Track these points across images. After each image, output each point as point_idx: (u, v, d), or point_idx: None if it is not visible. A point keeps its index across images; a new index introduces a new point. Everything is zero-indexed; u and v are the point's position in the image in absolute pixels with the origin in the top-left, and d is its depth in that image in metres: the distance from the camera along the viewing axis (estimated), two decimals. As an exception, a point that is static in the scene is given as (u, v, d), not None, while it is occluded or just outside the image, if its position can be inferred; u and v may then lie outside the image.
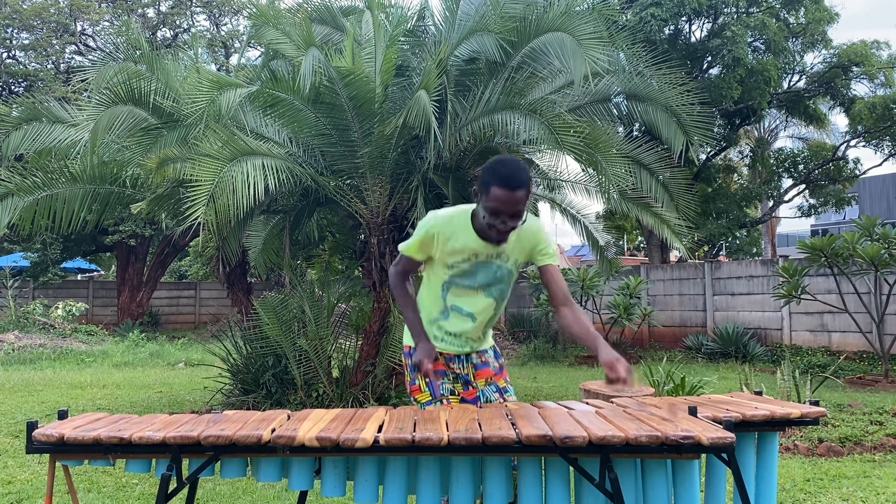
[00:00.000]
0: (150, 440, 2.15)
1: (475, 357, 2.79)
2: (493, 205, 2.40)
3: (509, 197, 2.38)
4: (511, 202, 2.39)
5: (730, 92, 13.42)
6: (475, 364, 2.78)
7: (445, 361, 2.75)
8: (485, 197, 2.43)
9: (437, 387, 2.71)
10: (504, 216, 2.42)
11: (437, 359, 2.72)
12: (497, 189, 2.38)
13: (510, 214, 2.42)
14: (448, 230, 2.58)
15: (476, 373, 2.77)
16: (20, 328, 14.31)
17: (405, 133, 6.02)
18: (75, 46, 19.26)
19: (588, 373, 10.52)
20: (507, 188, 2.37)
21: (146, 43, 7.45)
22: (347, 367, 6.88)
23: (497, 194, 2.38)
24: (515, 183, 2.38)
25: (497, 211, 2.41)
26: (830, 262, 8.93)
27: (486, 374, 2.77)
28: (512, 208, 2.40)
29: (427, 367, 2.54)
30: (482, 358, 2.79)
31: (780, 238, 32.83)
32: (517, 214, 2.43)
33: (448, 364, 2.75)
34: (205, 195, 5.15)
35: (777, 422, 2.59)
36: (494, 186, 2.39)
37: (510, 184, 2.38)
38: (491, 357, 2.82)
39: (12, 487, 4.31)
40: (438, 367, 2.72)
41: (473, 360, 2.79)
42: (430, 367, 2.56)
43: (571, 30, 5.66)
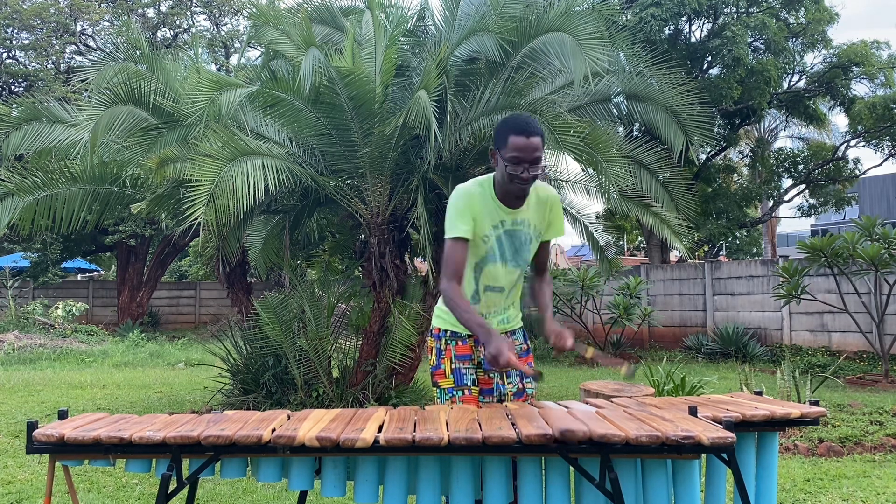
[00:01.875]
0: (150, 440, 2.15)
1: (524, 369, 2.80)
2: (512, 154, 2.47)
3: (527, 143, 2.46)
4: (529, 148, 2.46)
5: (730, 92, 13.42)
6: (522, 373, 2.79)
7: (474, 343, 2.76)
8: (503, 150, 2.50)
9: (462, 374, 2.72)
10: (525, 164, 2.47)
11: (466, 340, 2.75)
12: (514, 137, 2.47)
13: (530, 161, 2.47)
14: (479, 201, 2.62)
15: None
16: (20, 328, 14.31)
17: (405, 133, 6.02)
18: (75, 46, 19.26)
19: (588, 373, 10.52)
20: (523, 135, 2.46)
21: (146, 43, 7.45)
22: (347, 367, 6.88)
23: (515, 142, 2.46)
24: (531, 129, 2.48)
25: (518, 159, 2.47)
26: (830, 262, 8.93)
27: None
28: (531, 154, 2.47)
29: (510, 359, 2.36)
30: (510, 339, 2.80)
31: (780, 238, 32.84)
32: (537, 161, 2.49)
33: (476, 346, 2.76)
34: (205, 195, 5.15)
35: (777, 422, 2.59)
36: (512, 136, 2.47)
37: (527, 130, 2.47)
38: (519, 339, 2.85)
39: (12, 487, 4.31)
40: (465, 351, 2.74)
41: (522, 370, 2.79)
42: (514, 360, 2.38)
43: (571, 30, 5.66)
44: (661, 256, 15.94)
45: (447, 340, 2.76)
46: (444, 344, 2.76)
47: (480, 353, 2.75)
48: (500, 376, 2.77)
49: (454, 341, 2.75)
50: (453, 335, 2.75)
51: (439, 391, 2.75)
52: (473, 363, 2.75)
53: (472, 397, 2.72)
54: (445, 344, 2.76)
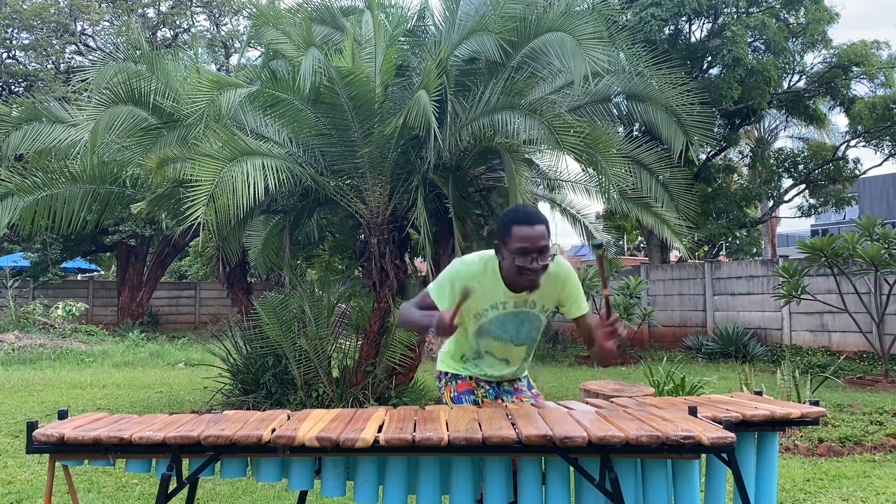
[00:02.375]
0: (150, 440, 2.15)
1: (507, 385, 2.81)
2: (517, 245, 2.39)
3: (532, 233, 2.39)
4: (535, 237, 2.39)
5: (730, 92, 13.41)
6: (507, 391, 2.80)
7: (475, 384, 2.77)
8: (508, 242, 2.43)
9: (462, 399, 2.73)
10: (532, 254, 2.40)
11: (466, 380, 2.76)
12: (518, 228, 2.40)
13: (538, 251, 2.40)
14: (478, 276, 2.54)
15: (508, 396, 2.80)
16: (20, 328, 14.31)
17: (405, 133, 6.02)
18: (75, 46, 19.26)
19: (588, 373, 10.52)
20: (527, 225, 2.40)
21: (146, 43, 7.45)
22: (347, 367, 6.88)
23: (520, 233, 2.39)
24: (535, 219, 2.41)
25: (524, 250, 2.39)
26: (830, 262, 8.93)
27: (519, 398, 2.78)
28: (537, 244, 2.39)
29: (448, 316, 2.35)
30: (514, 386, 2.81)
31: (780, 238, 32.83)
32: (544, 250, 2.41)
33: (477, 385, 2.77)
34: (205, 195, 5.15)
35: (777, 422, 2.59)
36: (515, 226, 2.40)
37: (530, 220, 2.40)
38: (524, 386, 2.82)
39: (12, 487, 4.31)
40: (466, 387, 2.76)
41: (505, 387, 2.80)
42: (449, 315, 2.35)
43: (571, 30, 5.66)
44: (661, 256, 15.93)
45: (447, 381, 2.81)
46: (445, 384, 2.81)
47: (480, 394, 2.77)
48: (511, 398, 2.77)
49: (454, 381, 2.78)
50: (453, 377, 2.79)
51: None
52: (476, 397, 2.76)
53: None
54: (446, 384, 2.81)
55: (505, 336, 2.64)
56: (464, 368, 2.76)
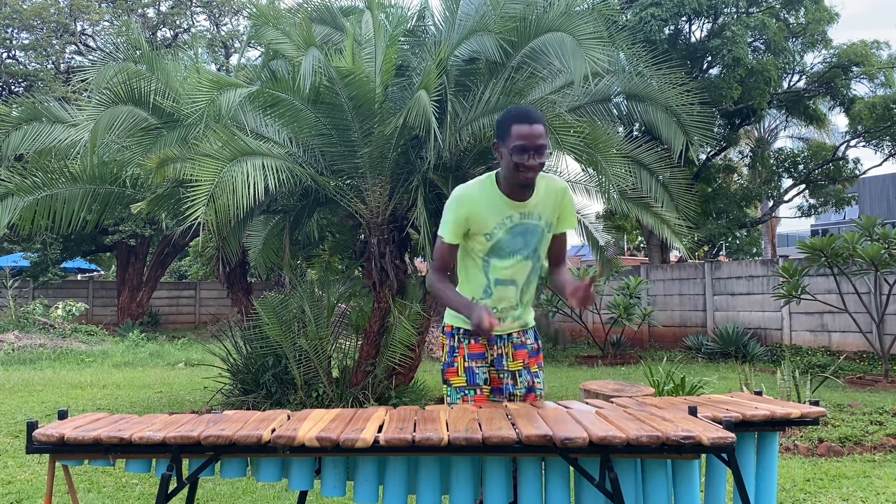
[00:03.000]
0: (150, 440, 2.15)
1: (515, 336, 2.80)
2: (516, 143, 2.47)
3: (530, 130, 2.47)
4: (533, 135, 2.47)
5: (730, 92, 13.41)
6: (514, 344, 2.78)
7: (488, 342, 2.76)
8: (507, 141, 2.51)
9: (474, 373, 2.72)
10: (530, 151, 2.47)
11: (477, 339, 2.74)
12: (517, 126, 2.48)
13: (535, 148, 2.48)
14: (479, 200, 2.60)
15: (514, 353, 2.78)
16: (20, 328, 14.31)
17: (405, 133, 6.02)
18: (75, 46, 19.26)
19: (588, 373, 10.52)
20: (526, 122, 2.48)
21: (146, 43, 7.45)
22: (347, 367, 6.88)
23: (518, 131, 2.47)
24: (533, 117, 2.50)
25: (522, 148, 2.47)
26: (830, 262, 8.93)
27: (522, 355, 2.78)
28: (535, 141, 2.47)
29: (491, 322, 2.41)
30: (522, 339, 2.81)
31: (780, 238, 32.83)
32: (542, 148, 2.49)
33: (488, 345, 2.77)
34: (205, 195, 5.15)
35: (777, 422, 2.59)
36: (514, 125, 2.49)
37: (529, 118, 2.49)
38: (530, 338, 2.84)
39: (12, 487, 4.31)
40: (478, 349, 2.74)
41: (514, 339, 2.79)
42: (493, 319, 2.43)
43: (571, 30, 5.66)
44: (661, 256, 15.94)
45: (460, 338, 2.76)
46: (457, 341, 2.76)
47: (493, 353, 2.76)
48: (511, 376, 2.76)
49: (467, 339, 2.75)
50: (466, 333, 2.75)
51: (450, 389, 2.75)
52: (486, 362, 2.75)
53: (483, 397, 2.72)
54: (458, 342, 2.76)
55: (513, 249, 2.66)
56: None
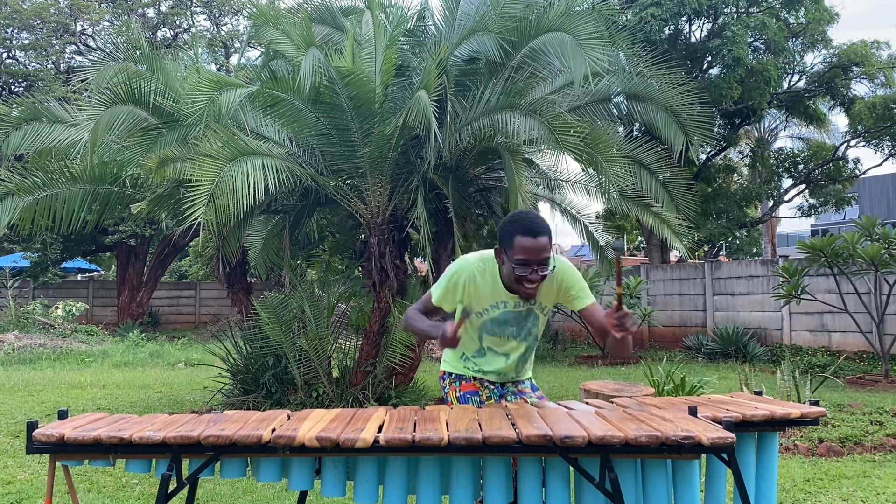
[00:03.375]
0: (150, 440, 2.15)
1: (511, 386, 2.80)
2: (519, 256, 2.38)
3: (534, 244, 2.36)
4: (537, 249, 2.37)
5: (730, 92, 13.41)
6: (511, 391, 2.80)
7: (479, 384, 2.77)
8: (509, 251, 2.41)
9: (468, 400, 2.74)
10: (532, 265, 2.38)
11: (470, 380, 2.76)
12: (521, 238, 2.37)
13: (538, 263, 2.38)
14: (478, 279, 2.55)
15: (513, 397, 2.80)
16: (20, 328, 14.31)
17: (405, 133, 6.02)
18: (75, 46, 19.26)
19: (588, 373, 10.52)
20: (530, 236, 2.37)
21: (146, 43, 7.45)
22: (347, 367, 6.88)
23: (522, 244, 2.37)
24: (539, 230, 2.38)
25: (525, 261, 2.38)
26: (830, 262, 8.93)
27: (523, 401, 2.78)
28: (538, 256, 2.38)
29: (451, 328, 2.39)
30: (518, 388, 2.81)
31: (780, 238, 32.82)
32: (545, 262, 2.40)
33: (481, 385, 2.77)
34: (205, 195, 5.15)
35: (777, 422, 2.59)
36: (518, 236, 2.38)
37: (533, 231, 2.37)
38: (527, 388, 2.82)
39: (12, 487, 4.31)
40: (470, 388, 2.76)
41: (509, 388, 2.80)
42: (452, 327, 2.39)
43: (571, 30, 5.66)
44: (661, 256, 15.94)
45: (451, 381, 2.81)
46: (449, 384, 2.81)
47: (485, 395, 2.77)
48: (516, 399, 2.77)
49: (458, 382, 2.79)
50: (457, 377, 2.79)
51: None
52: (480, 398, 2.75)
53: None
54: (450, 384, 2.81)
55: (506, 332, 2.65)
56: (465, 368, 2.77)
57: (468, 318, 2.59)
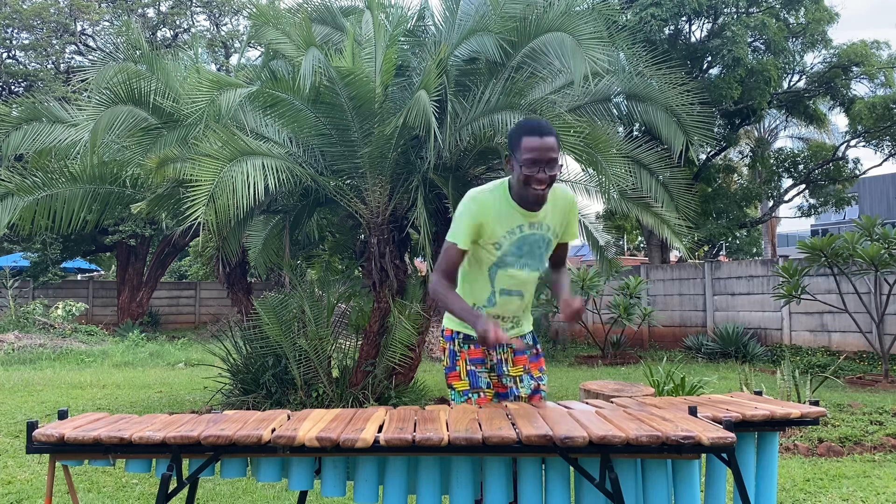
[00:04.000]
0: (150, 440, 2.15)
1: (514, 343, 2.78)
2: (527, 156, 2.45)
3: (541, 143, 2.44)
4: (544, 148, 2.44)
5: (730, 92, 13.41)
6: (514, 349, 2.77)
7: (486, 348, 2.74)
8: (517, 154, 2.48)
9: (477, 377, 2.72)
10: (541, 164, 2.45)
11: (477, 345, 2.71)
12: (528, 139, 2.46)
13: (546, 162, 2.45)
14: (492, 207, 2.57)
15: (514, 359, 2.77)
16: (20, 328, 14.31)
17: (405, 133, 6.02)
18: (75, 46, 19.26)
19: (588, 373, 10.52)
20: (537, 135, 2.46)
21: (146, 43, 7.45)
22: (347, 367, 6.88)
23: (529, 144, 2.45)
24: (544, 130, 2.47)
25: (533, 161, 2.45)
26: (830, 262, 8.92)
27: (523, 360, 2.77)
28: (546, 155, 2.44)
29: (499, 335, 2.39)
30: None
31: (780, 238, 32.83)
32: (553, 161, 2.47)
33: (488, 351, 2.75)
34: (205, 195, 5.15)
35: (777, 422, 2.59)
36: (525, 137, 2.47)
37: (539, 131, 2.46)
38: (530, 342, 2.83)
39: (12, 487, 4.31)
40: (478, 354, 2.73)
41: (513, 345, 2.77)
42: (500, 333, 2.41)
43: (571, 30, 5.66)
44: (661, 256, 15.94)
45: (460, 343, 2.75)
46: (458, 346, 2.75)
47: (493, 357, 2.75)
48: (513, 381, 2.75)
49: (467, 345, 2.74)
50: (466, 338, 2.74)
51: (454, 393, 2.76)
52: (486, 367, 2.74)
53: (486, 399, 2.73)
54: (459, 346, 2.75)
55: (521, 262, 2.64)
56: None
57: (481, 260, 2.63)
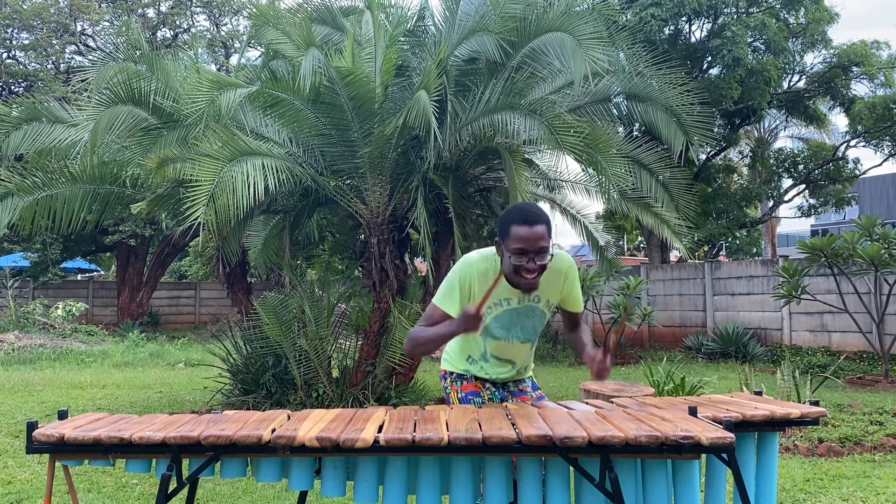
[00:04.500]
0: (150, 440, 2.15)
1: (512, 385, 2.79)
2: (515, 245, 2.37)
3: (530, 233, 2.36)
4: (533, 238, 2.36)
5: (730, 92, 13.41)
6: (511, 392, 2.78)
7: (480, 383, 2.75)
8: (506, 241, 2.41)
9: (471, 401, 2.71)
10: (529, 254, 2.38)
11: (472, 381, 2.74)
12: (517, 227, 2.37)
13: (535, 252, 2.38)
14: (483, 276, 2.52)
15: (515, 397, 2.78)
16: (20, 328, 14.31)
17: (405, 133, 6.02)
18: (75, 46, 19.26)
19: (588, 373, 10.51)
20: (526, 225, 2.36)
21: (146, 43, 7.45)
22: (347, 367, 6.88)
23: (518, 233, 2.37)
24: (535, 219, 2.38)
25: (521, 251, 2.37)
26: (830, 262, 8.93)
27: (525, 399, 2.77)
28: (535, 245, 2.37)
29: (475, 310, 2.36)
30: (519, 386, 2.80)
31: (780, 238, 32.82)
32: (542, 251, 2.39)
33: (483, 385, 2.75)
34: (205, 195, 5.15)
35: (777, 422, 2.59)
36: (514, 226, 2.38)
37: (529, 220, 2.37)
38: (528, 387, 2.82)
39: (12, 487, 4.31)
40: (471, 388, 2.73)
41: (510, 388, 2.79)
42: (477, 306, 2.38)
43: (571, 30, 5.66)
44: (661, 256, 15.93)
45: (453, 381, 2.79)
46: (450, 384, 2.79)
47: (486, 396, 2.75)
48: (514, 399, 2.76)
49: (459, 381, 2.77)
50: (459, 377, 2.77)
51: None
52: (482, 399, 2.73)
53: None
54: (451, 384, 2.79)
55: (510, 334, 2.63)
56: (468, 370, 2.75)
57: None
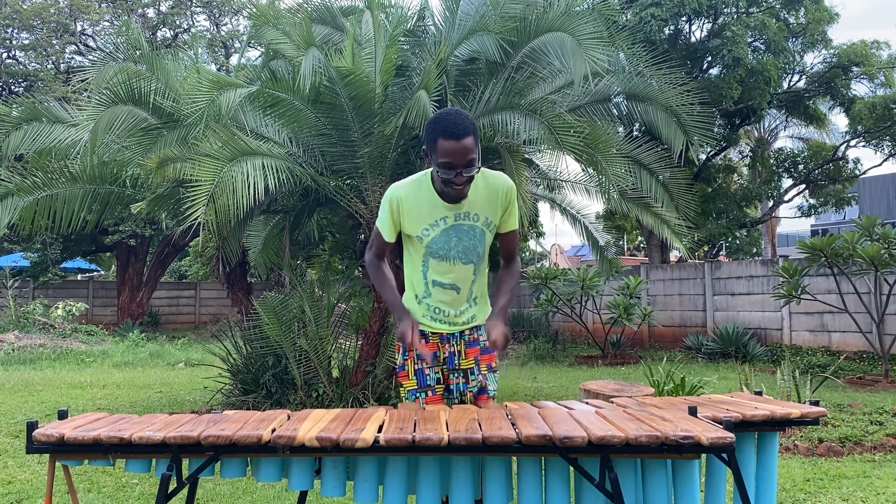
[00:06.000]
0: (150, 440, 2.15)
1: (467, 334, 2.72)
2: (443, 159, 2.33)
3: (457, 147, 2.31)
4: (460, 152, 2.32)
5: (730, 92, 13.41)
6: (466, 341, 2.71)
7: (440, 341, 2.70)
8: (434, 154, 2.37)
9: (425, 375, 2.66)
10: (457, 168, 2.34)
11: (429, 339, 2.68)
12: (443, 141, 2.32)
13: (463, 165, 2.34)
14: (411, 197, 2.51)
15: (466, 350, 2.70)
16: (20, 328, 14.31)
17: (405, 133, 6.02)
18: (75, 46, 19.27)
19: (588, 373, 10.52)
20: (453, 138, 2.31)
21: (146, 43, 7.45)
22: (347, 367, 6.88)
23: (444, 147, 2.32)
24: (460, 131, 2.32)
25: (448, 165, 2.33)
26: (830, 262, 8.93)
27: (474, 352, 2.70)
28: (463, 159, 2.33)
29: (411, 339, 2.45)
30: (474, 335, 2.73)
31: (780, 238, 32.82)
32: (470, 163, 2.34)
33: (441, 344, 2.70)
34: (205, 195, 5.15)
35: (777, 422, 2.59)
36: (440, 139, 2.32)
37: (456, 133, 2.31)
38: (482, 335, 2.73)
39: (12, 487, 4.31)
40: (431, 349, 2.67)
41: (465, 336, 2.71)
42: (415, 338, 2.46)
43: (571, 30, 5.66)
44: (661, 256, 15.94)
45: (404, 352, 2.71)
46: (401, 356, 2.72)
47: (445, 351, 2.69)
48: (462, 375, 2.69)
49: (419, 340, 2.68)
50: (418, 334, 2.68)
51: (406, 392, 2.72)
52: (438, 360, 2.69)
53: (437, 398, 2.67)
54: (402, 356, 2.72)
55: (450, 255, 2.57)
56: (422, 314, 2.68)
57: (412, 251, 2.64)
